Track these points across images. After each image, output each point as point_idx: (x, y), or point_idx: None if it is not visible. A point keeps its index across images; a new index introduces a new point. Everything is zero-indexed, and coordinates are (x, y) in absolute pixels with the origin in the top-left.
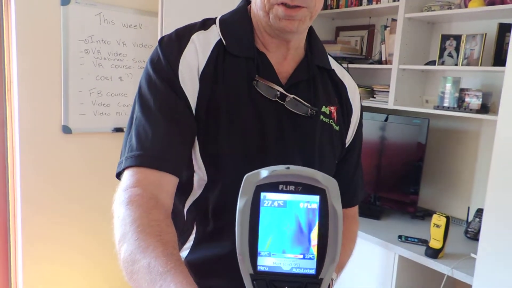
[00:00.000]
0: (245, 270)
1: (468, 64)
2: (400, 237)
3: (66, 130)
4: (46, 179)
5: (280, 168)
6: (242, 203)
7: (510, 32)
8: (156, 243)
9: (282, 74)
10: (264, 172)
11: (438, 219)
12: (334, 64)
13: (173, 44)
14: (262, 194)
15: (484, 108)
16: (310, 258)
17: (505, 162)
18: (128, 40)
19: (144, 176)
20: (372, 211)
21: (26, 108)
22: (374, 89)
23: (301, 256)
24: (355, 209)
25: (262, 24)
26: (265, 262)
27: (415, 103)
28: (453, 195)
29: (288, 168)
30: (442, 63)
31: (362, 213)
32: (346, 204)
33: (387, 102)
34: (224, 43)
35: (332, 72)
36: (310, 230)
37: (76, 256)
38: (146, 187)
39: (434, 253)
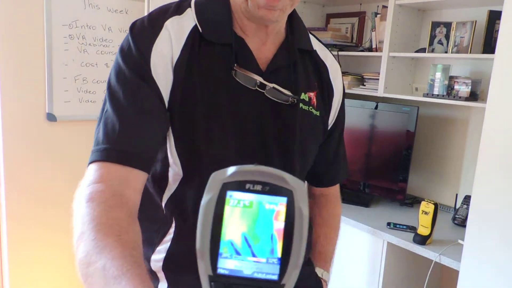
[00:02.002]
0: (203, 271)
1: (458, 52)
2: (388, 224)
3: (51, 117)
4: (30, 167)
5: (248, 166)
6: (206, 200)
7: (500, 19)
8: (114, 243)
9: (262, 59)
10: (231, 169)
11: (426, 206)
12: (316, 45)
13: (145, 32)
14: (228, 193)
15: (473, 96)
16: (273, 263)
17: (493, 149)
18: (114, 26)
19: (109, 171)
20: (361, 198)
21: (9, 95)
22: (364, 76)
23: (264, 260)
24: (337, 188)
25: (240, 8)
26: (226, 265)
27: (405, 91)
28: (441, 183)
29: (256, 165)
30: (432, 51)
31: (351, 201)
32: (328, 182)
33: (377, 90)
34: (200, 30)
35: (313, 53)
36: (275, 232)
37: (61, 240)
38: (110, 183)
39: (422, 240)
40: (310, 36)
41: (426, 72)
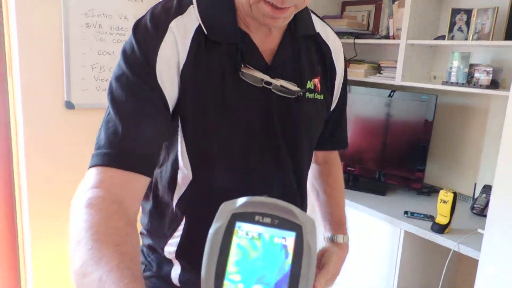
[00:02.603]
0: None
1: (478, 39)
2: (406, 212)
3: (69, 105)
4: (50, 154)
5: (258, 197)
6: (214, 229)
7: None
8: (112, 254)
9: (267, 51)
10: (241, 200)
11: (445, 195)
12: (318, 25)
13: (150, 35)
14: (237, 224)
15: (494, 84)
16: None
17: None
18: (129, 14)
19: (110, 176)
20: (378, 187)
21: (29, 84)
22: (381, 65)
23: None
24: (337, 153)
25: (243, 9)
26: None
27: (423, 79)
28: (459, 172)
29: (266, 197)
30: (452, 38)
31: (367, 189)
32: (332, 146)
33: (394, 78)
34: (205, 32)
35: (316, 36)
36: (282, 266)
37: None
38: (110, 189)
39: (440, 229)
40: (312, 15)
41: (445, 60)
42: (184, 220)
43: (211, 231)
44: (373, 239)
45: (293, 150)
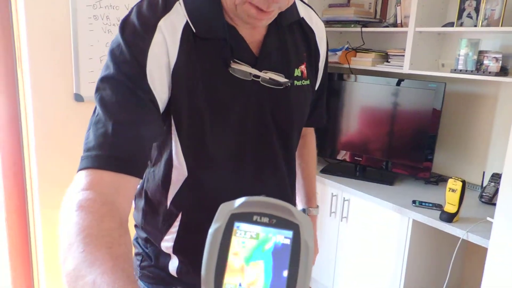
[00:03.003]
0: None
1: (488, 25)
2: (414, 202)
3: (78, 98)
4: (60, 147)
5: (256, 197)
6: (213, 229)
7: None
8: (105, 256)
9: (254, 43)
10: (239, 201)
11: (453, 184)
12: (301, 10)
13: (138, 36)
14: (236, 224)
15: (504, 71)
16: None
17: None
18: None
19: (100, 178)
20: (385, 177)
21: (38, 77)
22: (389, 53)
23: None
24: (313, 129)
25: (228, 5)
26: None
27: (431, 67)
28: (467, 160)
29: (264, 196)
30: (461, 25)
31: (375, 179)
32: (311, 124)
33: (402, 66)
34: (194, 30)
35: (301, 21)
36: (280, 265)
37: None
38: (101, 191)
39: (449, 217)
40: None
41: (453, 47)
42: (180, 216)
43: (211, 231)
44: (381, 229)
45: (285, 138)
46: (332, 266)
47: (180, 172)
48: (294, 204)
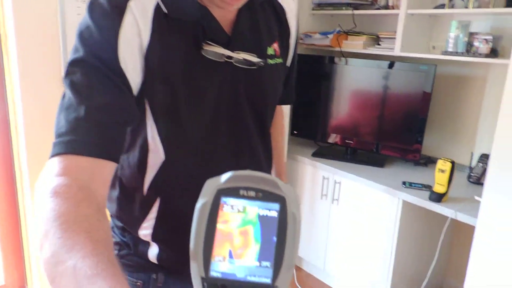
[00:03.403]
0: (196, 273)
1: (479, 7)
2: (404, 183)
3: None
4: (50, 143)
5: (241, 172)
6: (200, 204)
7: None
8: (84, 240)
9: (226, 22)
10: (225, 176)
11: (443, 164)
12: None
13: (108, 17)
14: (223, 199)
15: (494, 52)
16: (266, 267)
17: None
18: None
19: (75, 163)
20: (376, 159)
21: (26, 63)
22: (380, 36)
23: (257, 264)
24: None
25: None
26: (219, 268)
27: (422, 50)
28: (456, 142)
29: (250, 171)
30: (452, 7)
31: (365, 162)
32: (282, 102)
33: (393, 49)
34: (166, 11)
35: None
36: (268, 237)
37: None
38: (76, 176)
39: (438, 197)
40: None
41: (445, 29)
42: (158, 201)
43: (197, 206)
44: (372, 210)
45: (260, 118)
46: (323, 247)
47: (156, 156)
48: None
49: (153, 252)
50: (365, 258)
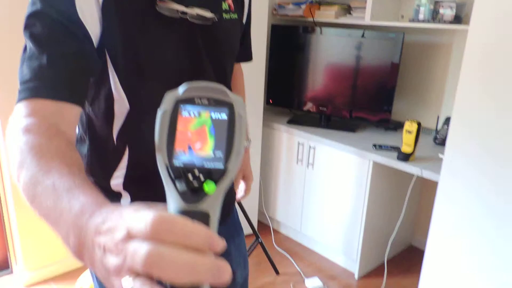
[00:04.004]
0: (162, 162)
1: None
2: (374, 146)
3: None
4: None
5: (196, 82)
6: (162, 111)
7: None
8: (60, 165)
9: None
10: (182, 88)
11: (409, 125)
12: None
13: None
14: (181, 106)
15: (458, 19)
16: (219, 157)
17: (474, 70)
18: None
19: (42, 106)
20: (348, 125)
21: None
22: (351, 6)
23: (212, 155)
24: (240, 64)
25: None
26: (180, 159)
27: (392, 19)
28: (424, 106)
29: (203, 81)
30: None
31: (338, 127)
32: (240, 59)
33: (363, 18)
34: None
35: None
36: (220, 133)
37: None
38: (44, 116)
39: (405, 157)
40: None
41: None
42: (127, 150)
43: (159, 113)
44: (345, 172)
45: (221, 73)
46: (300, 210)
47: (122, 105)
48: None
49: (125, 202)
50: (339, 217)
